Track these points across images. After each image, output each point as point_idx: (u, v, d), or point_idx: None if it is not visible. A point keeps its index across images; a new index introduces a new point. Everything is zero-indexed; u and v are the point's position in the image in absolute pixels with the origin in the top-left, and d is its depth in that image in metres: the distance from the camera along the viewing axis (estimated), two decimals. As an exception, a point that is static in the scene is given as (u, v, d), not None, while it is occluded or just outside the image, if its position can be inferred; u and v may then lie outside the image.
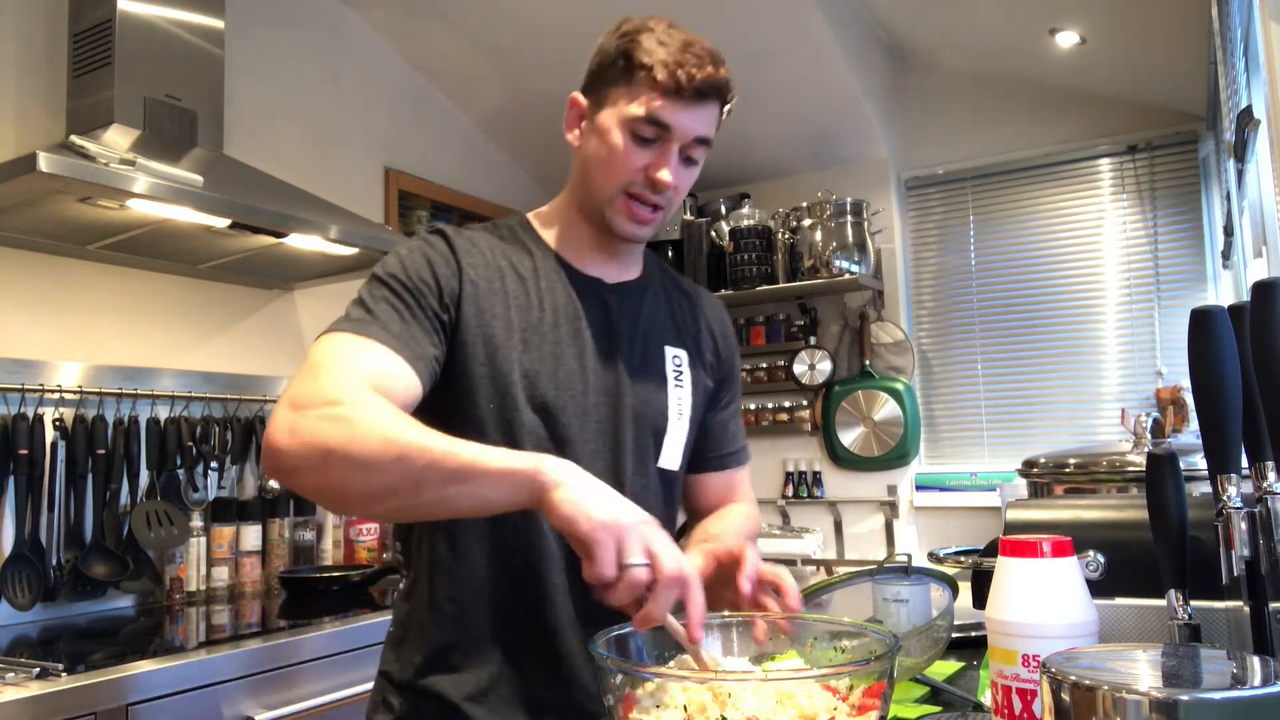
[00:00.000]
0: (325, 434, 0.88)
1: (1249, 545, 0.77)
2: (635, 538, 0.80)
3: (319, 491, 0.92)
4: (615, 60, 1.08)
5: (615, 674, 0.75)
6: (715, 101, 1.09)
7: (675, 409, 1.18)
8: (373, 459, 0.86)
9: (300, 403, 0.91)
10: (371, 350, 0.98)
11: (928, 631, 1.13)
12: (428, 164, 3.37)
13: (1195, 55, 2.59)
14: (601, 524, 0.80)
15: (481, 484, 0.86)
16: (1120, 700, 0.54)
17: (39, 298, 2.25)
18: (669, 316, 1.24)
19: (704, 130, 1.09)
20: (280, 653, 1.85)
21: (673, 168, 1.08)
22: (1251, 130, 1.65)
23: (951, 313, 3.46)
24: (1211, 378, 0.78)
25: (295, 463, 0.89)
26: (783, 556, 3.32)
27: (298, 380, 0.95)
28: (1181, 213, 3.08)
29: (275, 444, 0.90)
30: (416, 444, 0.86)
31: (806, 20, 2.84)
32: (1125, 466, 1.67)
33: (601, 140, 1.09)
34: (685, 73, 1.05)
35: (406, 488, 0.87)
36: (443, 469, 0.86)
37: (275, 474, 0.92)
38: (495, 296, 1.09)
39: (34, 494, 2.11)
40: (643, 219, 1.11)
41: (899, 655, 0.76)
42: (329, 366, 0.96)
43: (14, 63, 2.24)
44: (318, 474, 0.89)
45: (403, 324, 1.02)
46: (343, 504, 0.94)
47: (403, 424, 0.89)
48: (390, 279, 1.06)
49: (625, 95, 1.07)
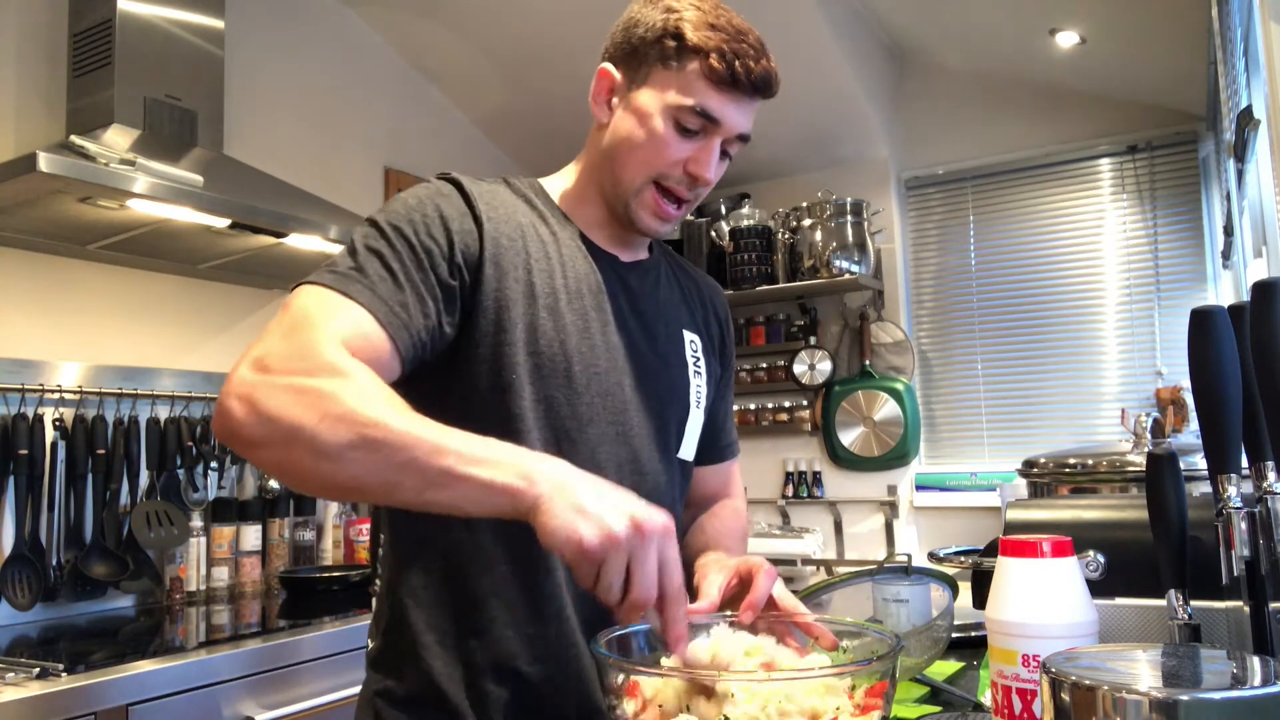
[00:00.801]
0: (291, 410, 0.77)
1: (1249, 545, 0.77)
2: (615, 561, 0.73)
3: (279, 470, 0.82)
4: (661, 37, 0.99)
5: (616, 674, 0.75)
6: (763, 97, 1.02)
7: (695, 396, 1.13)
8: (345, 449, 0.76)
9: (266, 364, 0.81)
10: (352, 313, 0.87)
11: (928, 631, 1.13)
12: (428, 164, 3.36)
13: (1195, 55, 2.59)
14: (579, 547, 0.72)
15: (462, 493, 0.76)
16: (1120, 700, 0.54)
17: (39, 298, 2.25)
18: (683, 300, 1.18)
19: (748, 125, 1.02)
20: (280, 653, 1.85)
21: (714, 163, 1.01)
22: (1251, 130, 1.65)
23: (951, 313, 3.46)
24: (1211, 378, 0.78)
25: (251, 436, 0.79)
26: (783, 556, 3.32)
27: (267, 334, 0.85)
28: (1181, 213, 3.08)
29: (230, 410, 0.80)
30: (396, 435, 0.76)
31: (806, 20, 2.84)
32: (1125, 466, 1.67)
33: (639, 124, 1.00)
34: (743, 64, 0.97)
35: (376, 485, 0.78)
36: (421, 470, 0.76)
37: (228, 442, 0.82)
38: (518, 257, 0.99)
39: (34, 494, 2.11)
40: (668, 215, 1.04)
41: (899, 655, 0.76)
42: (304, 325, 0.85)
43: (14, 63, 2.24)
44: (279, 453, 0.79)
45: (393, 286, 0.90)
46: (304, 487, 0.84)
47: (382, 406, 0.78)
48: (391, 230, 0.94)
49: (672, 79, 0.98)
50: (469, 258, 0.96)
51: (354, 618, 2.07)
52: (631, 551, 0.73)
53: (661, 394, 1.09)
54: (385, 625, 1.03)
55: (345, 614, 2.11)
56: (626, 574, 0.74)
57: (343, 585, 2.47)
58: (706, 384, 1.16)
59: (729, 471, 1.29)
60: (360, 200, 2.99)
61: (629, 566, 0.74)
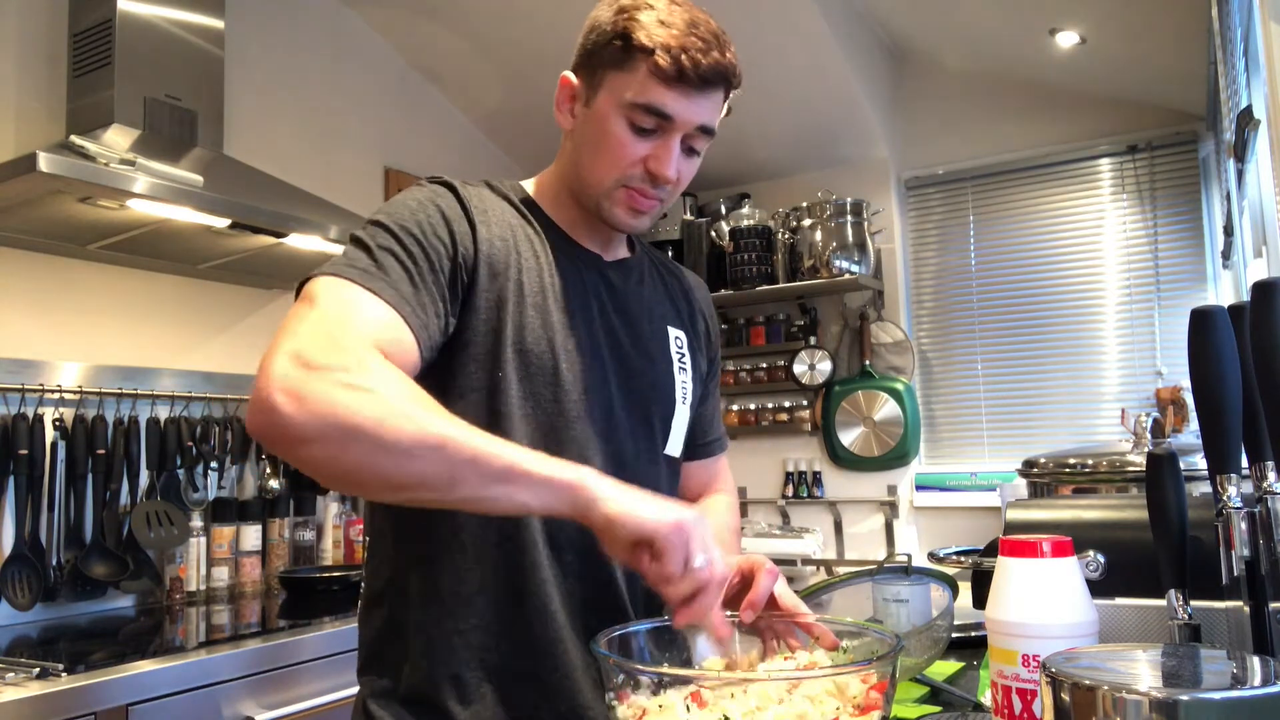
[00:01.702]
0: (349, 407, 0.77)
1: (1249, 545, 0.77)
2: (700, 539, 0.81)
3: (329, 468, 0.80)
4: (611, 40, 0.99)
5: (617, 674, 0.75)
6: (721, 88, 1.00)
7: (681, 393, 1.14)
8: (409, 446, 0.78)
9: (309, 360, 0.79)
10: (380, 311, 0.88)
11: (928, 631, 1.13)
12: (427, 164, 3.36)
13: (1195, 55, 2.59)
14: (670, 526, 0.80)
15: (523, 488, 0.80)
16: (1120, 700, 0.54)
17: (39, 298, 2.25)
18: (667, 297, 1.19)
19: (708, 119, 1.01)
20: (280, 653, 1.85)
21: (673, 160, 1.00)
22: (1251, 130, 1.65)
23: (951, 313, 3.46)
24: (1211, 378, 0.78)
25: (303, 432, 0.77)
26: (783, 556, 3.32)
27: (300, 329, 0.83)
28: (1181, 213, 3.08)
29: (276, 405, 0.77)
30: (457, 435, 0.79)
31: (806, 20, 2.84)
32: (1125, 466, 1.67)
33: (597, 128, 1.01)
34: (690, 58, 0.96)
35: (441, 481, 0.79)
36: (486, 467, 0.79)
37: (271, 439, 0.79)
38: (510, 257, 1.01)
39: (34, 494, 2.11)
40: (641, 209, 1.04)
41: (899, 655, 0.76)
42: (338, 320, 0.85)
43: (14, 63, 2.24)
44: (334, 450, 0.78)
45: (412, 287, 0.91)
46: (356, 486, 0.83)
47: (433, 406, 0.81)
48: (401, 230, 0.94)
49: (623, 80, 0.99)
50: (467, 259, 0.98)
51: (354, 618, 2.06)
52: (704, 534, 0.82)
53: (647, 391, 1.10)
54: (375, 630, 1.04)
55: (345, 614, 2.11)
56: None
57: (343, 585, 2.47)
58: (692, 380, 1.17)
59: (718, 466, 1.29)
60: (360, 200, 2.99)
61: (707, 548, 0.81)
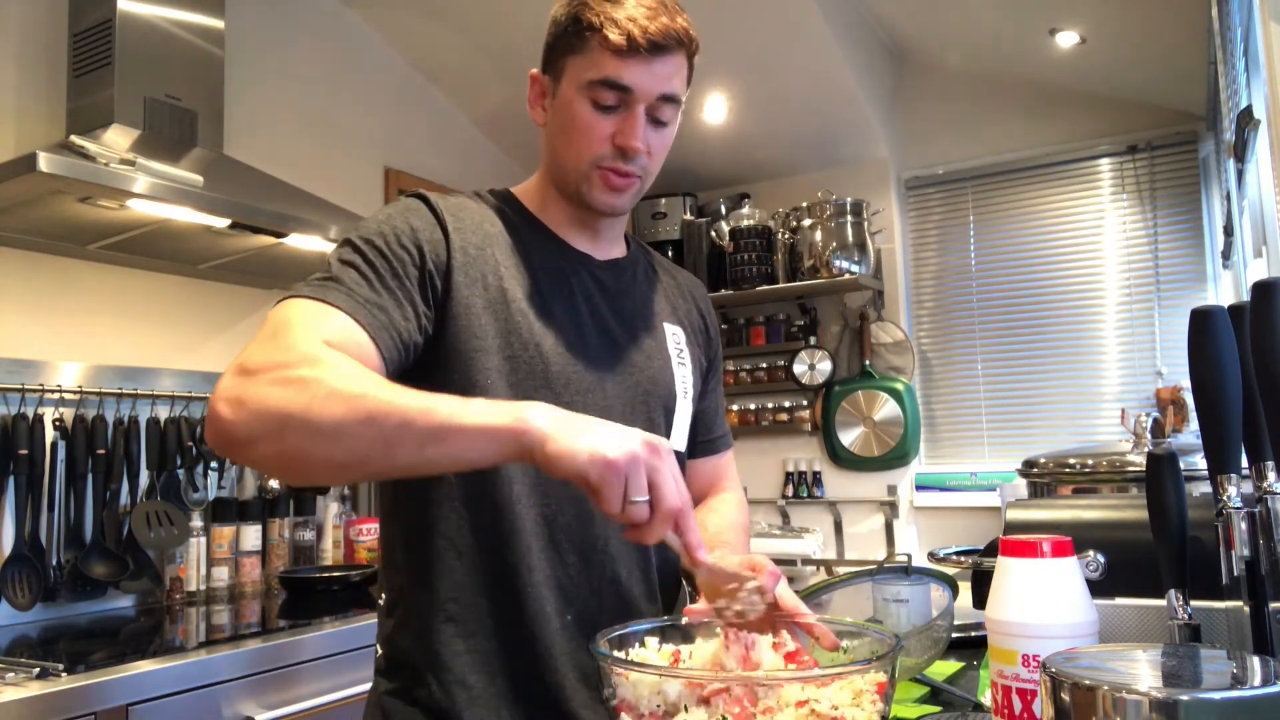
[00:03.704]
0: (280, 399, 0.79)
1: (1249, 545, 0.77)
2: (638, 473, 0.77)
3: (277, 462, 0.83)
4: (566, 27, 1.02)
5: (612, 674, 0.75)
6: (677, 53, 1.02)
7: (681, 387, 1.15)
8: (337, 423, 0.78)
9: (249, 368, 0.83)
10: (333, 317, 0.90)
11: (928, 631, 1.13)
12: (428, 164, 3.37)
13: (1195, 55, 2.60)
14: (605, 461, 0.76)
15: (461, 443, 0.79)
16: (1120, 700, 0.54)
17: (39, 298, 2.25)
18: (663, 294, 1.20)
19: (668, 87, 1.02)
20: (280, 653, 1.85)
21: (640, 132, 1.02)
22: (1251, 130, 1.65)
23: (951, 313, 3.46)
24: (1211, 378, 0.78)
25: (246, 433, 0.80)
26: (783, 556, 3.32)
27: (250, 346, 0.87)
28: (1181, 213, 3.08)
29: (219, 414, 0.81)
30: (386, 402, 0.79)
31: (806, 20, 2.84)
32: (1125, 466, 1.67)
33: (564, 114, 1.03)
34: (638, 26, 0.98)
35: (377, 452, 0.79)
36: (417, 429, 0.78)
37: (223, 447, 0.83)
38: (487, 264, 1.02)
39: (34, 494, 2.11)
40: (619, 187, 1.05)
41: (899, 655, 0.76)
42: (286, 329, 0.87)
43: (14, 63, 2.24)
44: (274, 443, 0.80)
45: (370, 290, 0.93)
46: (304, 474, 0.84)
47: (367, 381, 0.81)
48: (364, 243, 0.97)
49: (580, 62, 1.01)
50: (439, 265, 1.00)
51: (354, 618, 2.07)
52: (650, 464, 0.77)
53: (645, 387, 1.10)
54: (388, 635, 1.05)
55: (345, 614, 2.11)
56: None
57: (343, 585, 2.47)
58: (693, 374, 1.18)
59: (723, 463, 1.29)
60: (360, 200, 2.99)
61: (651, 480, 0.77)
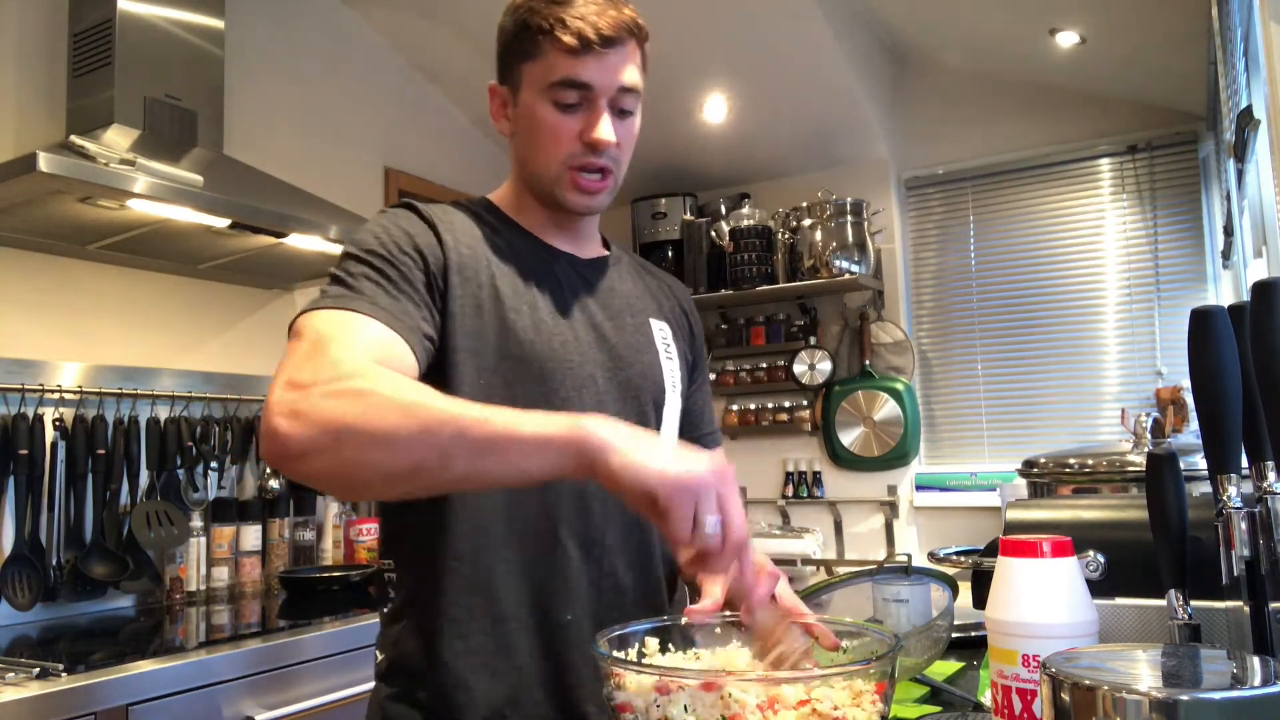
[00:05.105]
0: (336, 411, 0.79)
1: (1249, 545, 0.77)
2: (711, 496, 0.74)
3: (331, 475, 0.82)
4: (515, 35, 1.04)
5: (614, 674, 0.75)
6: (629, 43, 1.03)
7: (670, 380, 1.16)
8: (393, 433, 0.78)
9: (301, 382, 0.82)
10: (366, 325, 0.91)
11: (928, 631, 1.13)
12: (428, 164, 3.37)
13: (1195, 55, 2.59)
14: (676, 483, 0.73)
15: (518, 454, 0.77)
16: (1120, 700, 0.54)
17: (39, 298, 2.25)
18: (647, 292, 1.22)
19: (626, 78, 1.03)
20: (280, 653, 1.85)
21: (606, 125, 1.03)
22: (1251, 130, 1.65)
23: (951, 313, 3.46)
24: (1211, 378, 0.78)
25: (303, 446, 0.80)
26: (783, 556, 3.32)
27: (292, 360, 0.86)
28: (1181, 213, 3.08)
29: (277, 428, 0.80)
30: (441, 412, 0.78)
31: (806, 20, 2.84)
32: (1125, 466, 1.67)
33: (528, 120, 1.05)
34: (588, 23, 1.00)
35: (433, 462, 0.78)
36: (473, 439, 0.77)
37: (279, 461, 0.82)
38: (479, 265, 1.04)
39: (34, 494, 2.11)
40: (592, 188, 1.07)
41: (899, 655, 0.76)
42: (327, 343, 0.87)
43: (14, 63, 2.24)
44: (330, 456, 0.79)
45: (390, 298, 0.95)
46: (359, 487, 0.84)
47: (422, 392, 0.81)
48: (368, 255, 0.98)
49: (536, 67, 1.03)
50: (438, 267, 1.01)
51: (354, 618, 2.07)
52: (721, 491, 0.75)
53: (636, 382, 1.11)
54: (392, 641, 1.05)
55: (345, 614, 2.11)
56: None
57: (343, 585, 2.47)
58: (680, 369, 1.19)
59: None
60: (360, 200, 2.99)
61: (722, 507, 0.74)
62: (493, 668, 0.99)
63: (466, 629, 1.00)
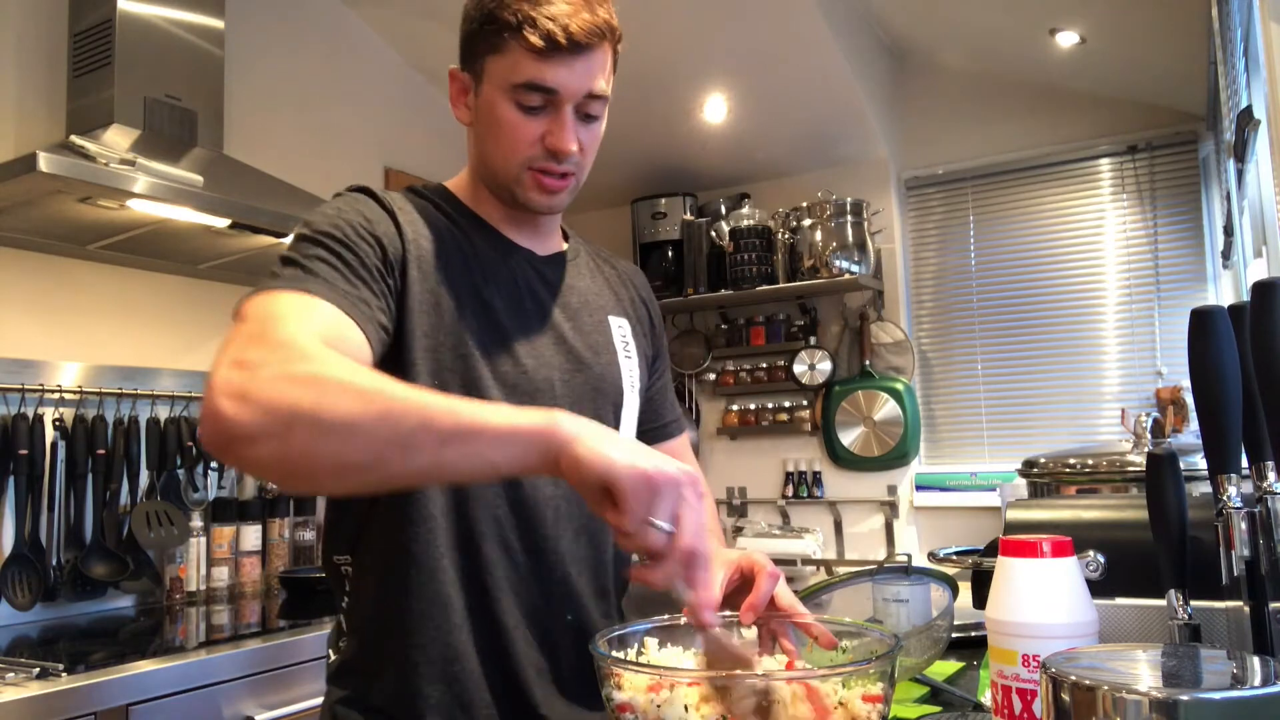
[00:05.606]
0: (289, 395, 0.72)
1: (1249, 545, 0.77)
2: (669, 497, 0.71)
3: (277, 464, 0.74)
4: (481, 26, 0.98)
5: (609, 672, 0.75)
6: (600, 47, 0.97)
7: (628, 380, 1.13)
8: (351, 420, 0.71)
9: (249, 361, 0.76)
10: (320, 308, 0.85)
11: (928, 631, 1.13)
12: (427, 164, 3.36)
13: (1195, 55, 2.59)
14: (641, 473, 0.70)
15: (486, 445, 0.72)
16: (1120, 700, 0.54)
17: (39, 298, 2.25)
18: (606, 286, 1.19)
19: (594, 84, 0.98)
20: (280, 653, 1.85)
21: (570, 132, 0.98)
22: (1251, 130, 1.65)
23: (951, 313, 3.46)
24: (1211, 378, 0.78)
25: (249, 431, 0.72)
26: (783, 556, 3.32)
27: (238, 341, 0.80)
28: (1181, 213, 3.08)
29: (221, 410, 0.73)
30: (404, 401, 0.73)
31: (806, 20, 2.83)
32: (1125, 466, 1.67)
33: (489, 116, 1.00)
34: (558, 25, 0.93)
35: (392, 453, 0.72)
36: (439, 429, 0.72)
37: (219, 446, 0.74)
38: (437, 259, 0.99)
39: (34, 494, 2.11)
40: (553, 188, 1.02)
41: (899, 655, 0.76)
42: (277, 324, 0.81)
43: (14, 63, 2.24)
44: (277, 442, 0.72)
45: (348, 283, 0.89)
46: (304, 478, 0.76)
47: (381, 379, 0.75)
48: (324, 237, 0.92)
49: (500, 63, 0.97)
50: (396, 259, 0.97)
51: (354, 618, 2.07)
52: (684, 496, 0.72)
53: (594, 383, 1.09)
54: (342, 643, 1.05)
55: (345, 614, 2.11)
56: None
57: (343, 585, 2.47)
58: (639, 367, 1.17)
59: (677, 448, 1.28)
60: (360, 200, 2.99)
61: (679, 510, 0.71)
62: (442, 671, 0.97)
63: (416, 632, 0.98)
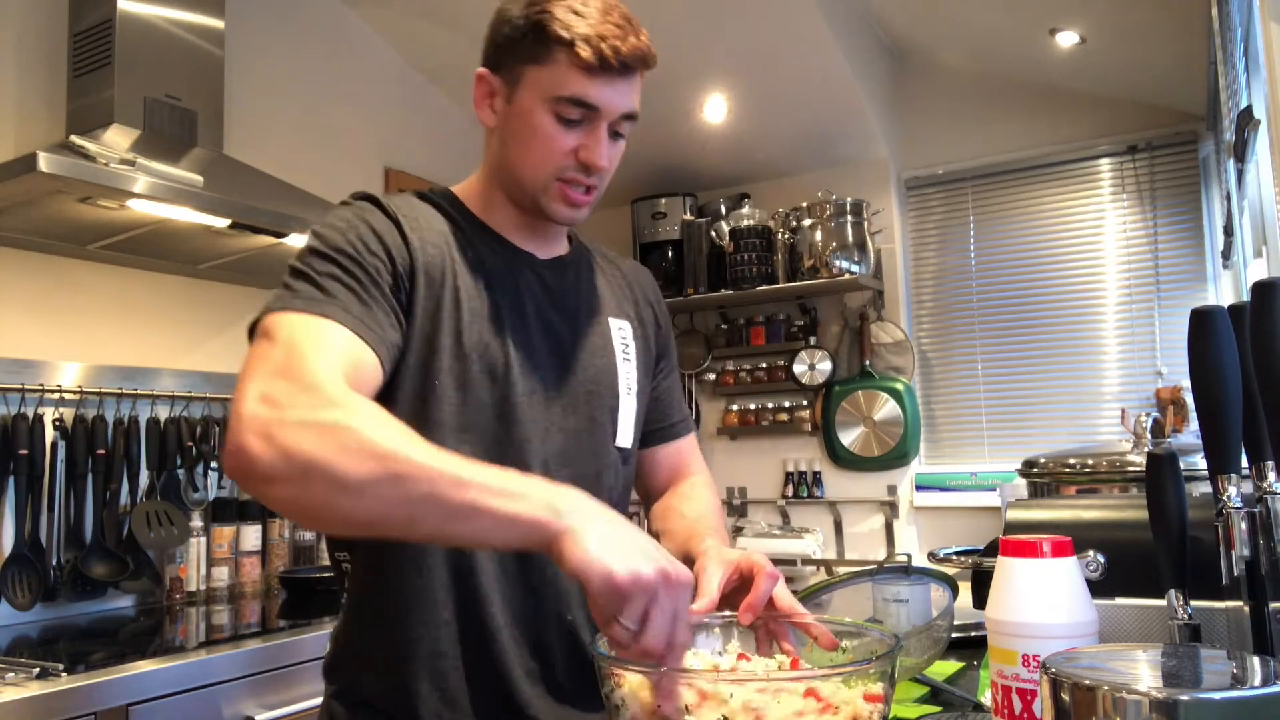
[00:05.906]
0: (309, 445, 0.76)
1: (1249, 545, 0.77)
2: (638, 602, 0.74)
3: (293, 506, 0.79)
4: (526, 33, 0.99)
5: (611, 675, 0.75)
6: (640, 72, 1.02)
7: (625, 384, 1.14)
8: (364, 482, 0.75)
9: (277, 399, 0.80)
10: (338, 334, 0.89)
11: (928, 631, 1.13)
12: (427, 164, 3.37)
13: (1195, 55, 2.59)
14: (611, 580, 0.73)
15: (486, 527, 0.76)
16: (1120, 700, 0.54)
17: (39, 298, 2.25)
18: (607, 288, 1.19)
19: (631, 105, 1.02)
20: (280, 653, 1.85)
21: (604, 148, 1.01)
22: (1251, 130, 1.65)
23: (951, 313, 3.46)
24: (1211, 378, 0.78)
25: (269, 473, 0.77)
26: (783, 556, 3.32)
27: (265, 368, 0.84)
28: (1181, 213, 3.08)
29: (246, 447, 0.78)
30: (418, 467, 0.75)
31: (806, 20, 2.83)
32: (1125, 466, 1.67)
33: (522, 124, 1.01)
34: (610, 46, 0.96)
35: (398, 518, 0.76)
36: (444, 504, 0.75)
37: (242, 479, 0.79)
38: (444, 266, 1.01)
39: (34, 494, 2.11)
40: (579, 202, 1.05)
41: (899, 655, 0.76)
42: (303, 355, 0.85)
43: (14, 63, 2.24)
44: (295, 488, 0.77)
45: (362, 305, 0.92)
46: (320, 523, 0.82)
47: (398, 439, 0.78)
48: (337, 253, 0.95)
49: (543, 74, 0.99)
50: (405, 268, 0.99)
51: (354, 618, 2.07)
52: (654, 598, 0.74)
53: (590, 386, 1.10)
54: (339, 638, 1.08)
55: (345, 614, 2.11)
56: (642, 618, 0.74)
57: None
58: (638, 369, 1.17)
59: (686, 448, 1.28)
60: (360, 200, 2.99)
61: (647, 611, 0.74)
62: (429, 668, 0.99)
63: (404, 628, 0.99)
